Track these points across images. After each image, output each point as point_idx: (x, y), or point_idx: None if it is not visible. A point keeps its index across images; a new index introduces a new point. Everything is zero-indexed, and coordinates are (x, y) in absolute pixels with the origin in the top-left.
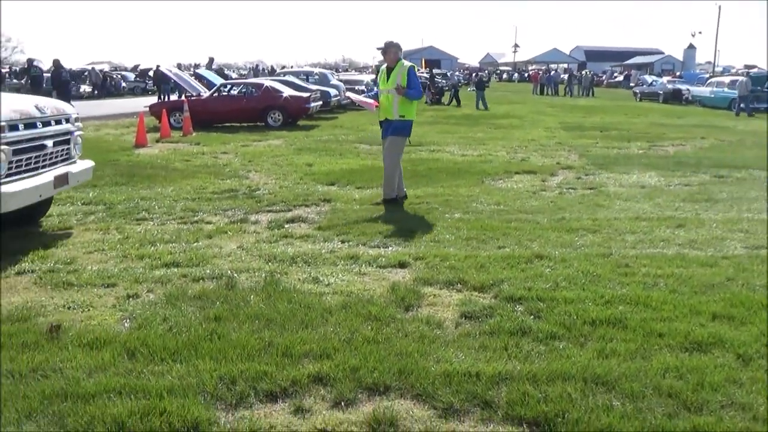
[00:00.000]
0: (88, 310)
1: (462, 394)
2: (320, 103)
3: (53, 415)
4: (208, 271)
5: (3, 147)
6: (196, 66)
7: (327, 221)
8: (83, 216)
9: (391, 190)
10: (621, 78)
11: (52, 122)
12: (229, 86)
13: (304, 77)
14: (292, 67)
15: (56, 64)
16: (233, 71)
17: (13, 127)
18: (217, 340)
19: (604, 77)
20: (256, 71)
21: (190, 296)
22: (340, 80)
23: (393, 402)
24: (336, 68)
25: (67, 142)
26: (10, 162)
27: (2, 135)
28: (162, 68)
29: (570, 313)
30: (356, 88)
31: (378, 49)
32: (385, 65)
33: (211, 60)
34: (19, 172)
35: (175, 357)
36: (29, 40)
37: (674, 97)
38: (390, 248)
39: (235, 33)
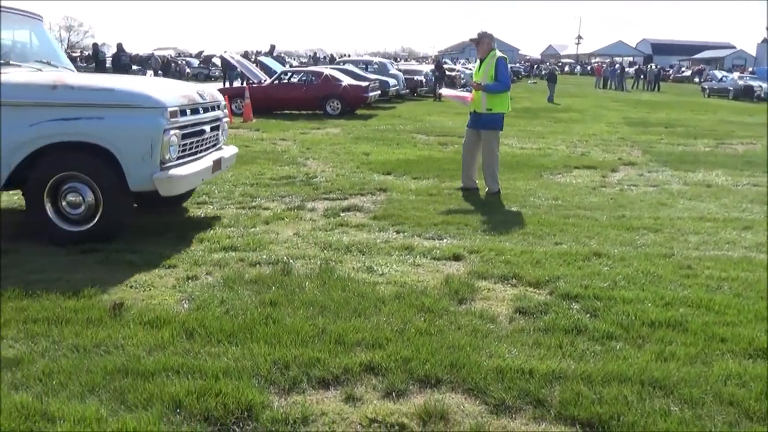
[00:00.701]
0: (149, 290)
1: (514, 391)
2: (379, 92)
3: (114, 390)
4: (264, 257)
5: (174, 131)
6: (259, 53)
7: (382, 211)
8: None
9: (495, 182)
10: (689, 73)
11: (209, 108)
12: (289, 74)
13: (364, 66)
14: (349, 56)
15: (119, 47)
16: (293, 59)
17: (182, 112)
18: (272, 324)
19: (671, 72)
20: (315, 59)
21: (247, 280)
22: (399, 70)
23: (444, 395)
24: (395, 58)
25: (218, 128)
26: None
27: (173, 120)
28: (225, 55)
29: (628, 313)
30: (415, 78)
31: (471, 40)
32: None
33: (273, 47)
34: (184, 157)
35: (231, 339)
36: (99, 26)
37: (745, 93)
38: (445, 240)
39: (297, 21)
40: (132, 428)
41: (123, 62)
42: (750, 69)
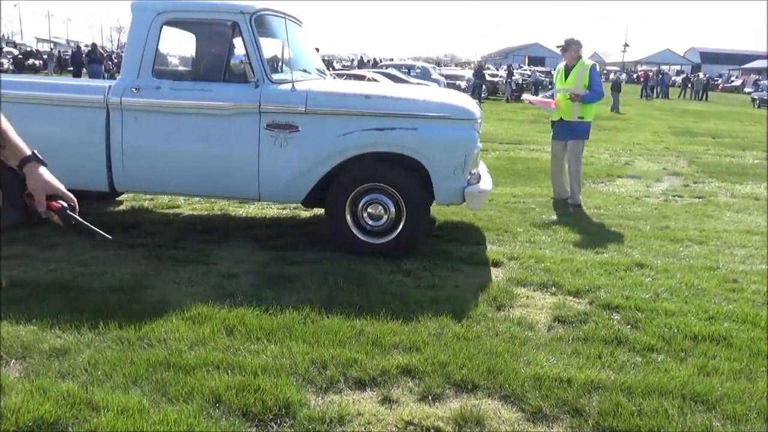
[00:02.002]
0: (192, 286)
1: (552, 399)
2: None
3: (156, 383)
4: (306, 257)
5: (480, 143)
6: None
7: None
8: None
9: (579, 194)
10: (738, 82)
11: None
12: (334, 76)
13: (406, 70)
14: (392, 59)
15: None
16: (336, 62)
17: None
18: (311, 324)
19: (719, 81)
20: (360, 63)
21: (286, 279)
22: (441, 75)
23: (480, 401)
24: (438, 63)
25: None
26: None
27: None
28: None
29: (670, 325)
30: (456, 83)
31: (558, 47)
32: (563, 63)
33: (316, 50)
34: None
35: (270, 337)
36: None
37: None
38: (484, 246)
39: (341, 26)
40: (173, 420)
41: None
42: None
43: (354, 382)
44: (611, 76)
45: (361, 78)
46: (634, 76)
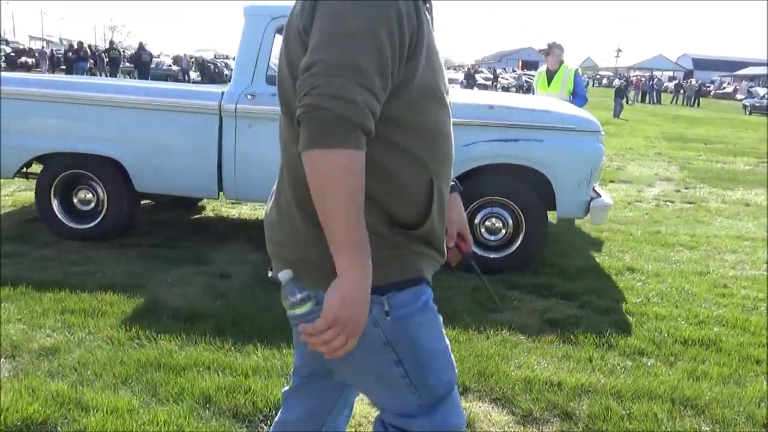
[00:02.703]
0: (184, 286)
1: (542, 402)
2: None
3: (146, 383)
4: None
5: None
6: None
7: None
8: None
9: None
10: (730, 89)
11: None
12: None
13: None
14: None
15: (140, 46)
16: None
17: None
18: None
19: (711, 87)
20: None
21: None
22: None
23: (471, 403)
24: None
25: None
26: None
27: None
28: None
29: (660, 330)
30: (451, 86)
31: (540, 51)
32: (544, 67)
33: None
34: None
35: (261, 338)
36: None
37: None
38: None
39: None
40: (163, 420)
41: (143, 60)
42: None
43: None
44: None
45: None
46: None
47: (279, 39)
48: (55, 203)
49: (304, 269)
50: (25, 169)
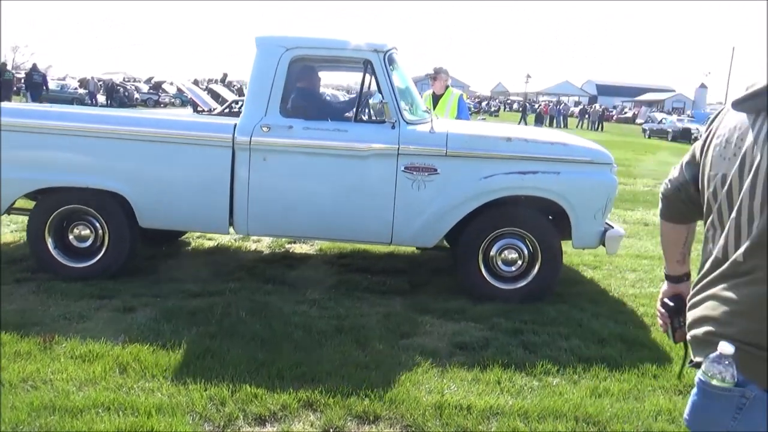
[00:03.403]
0: (84, 321)
1: (452, 427)
2: None
3: (40, 428)
4: (207, 289)
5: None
6: (211, 81)
7: (328, 243)
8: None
9: None
10: (630, 114)
11: None
12: (240, 102)
13: None
14: None
15: (33, 67)
16: (246, 87)
17: None
18: (210, 358)
19: (614, 112)
20: None
21: (186, 312)
22: None
23: (381, 431)
24: (347, 90)
25: None
26: None
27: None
28: (176, 83)
29: (565, 349)
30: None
31: (427, 75)
32: (430, 91)
33: (225, 75)
34: None
35: (166, 374)
36: (47, 48)
37: (683, 136)
38: (389, 274)
39: (250, 49)
40: None
41: (35, 81)
42: (689, 112)
43: (254, 419)
44: (515, 105)
45: None
46: (536, 106)
47: (294, 70)
48: (49, 241)
49: (754, 363)
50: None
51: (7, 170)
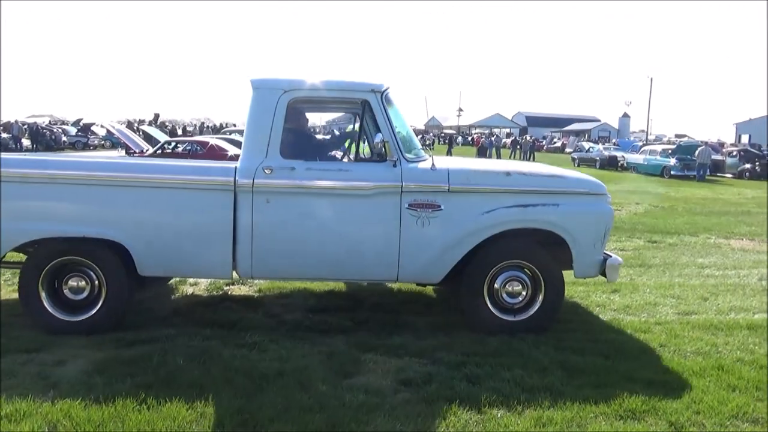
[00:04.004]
0: (9, 378)
1: None
2: None
3: None
4: (141, 336)
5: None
6: (142, 122)
7: (268, 284)
8: (11, 276)
9: None
10: (559, 144)
11: None
12: (173, 143)
13: None
14: (235, 125)
15: None
16: (179, 127)
17: None
18: (146, 410)
19: (544, 142)
20: (201, 128)
21: (121, 362)
22: None
23: None
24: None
25: None
26: None
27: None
28: (106, 124)
29: (508, 380)
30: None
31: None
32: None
33: (156, 116)
34: None
35: (99, 429)
36: None
37: (610, 163)
38: (330, 313)
39: (182, 89)
40: None
41: None
42: (614, 140)
43: None
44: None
45: (204, 144)
46: (469, 138)
47: (291, 112)
48: (43, 295)
49: None
50: None
51: None
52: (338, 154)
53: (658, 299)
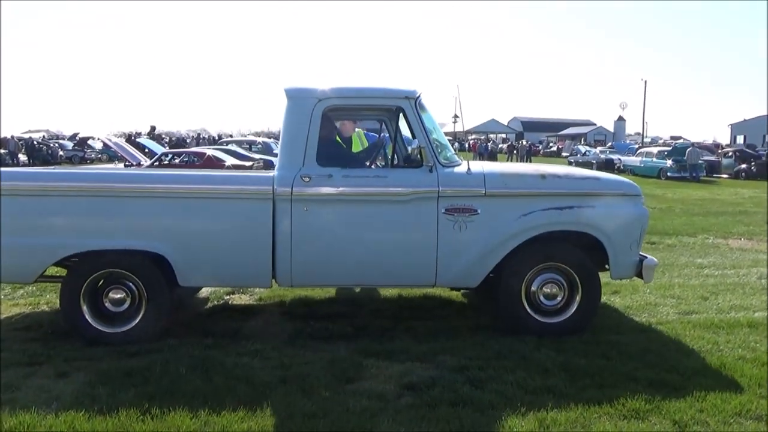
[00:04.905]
0: (12, 391)
1: None
2: None
3: None
4: (143, 347)
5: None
6: (138, 134)
7: (269, 292)
8: (11, 290)
9: None
10: (555, 148)
11: None
12: (170, 155)
13: (248, 146)
14: (231, 136)
15: None
16: (174, 139)
17: None
18: (150, 420)
19: (540, 147)
20: (198, 140)
21: (123, 373)
22: None
23: None
24: (279, 137)
25: None
26: None
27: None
28: (102, 138)
29: (511, 382)
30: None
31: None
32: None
33: (153, 128)
34: None
35: None
36: None
37: (607, 166)
38: (331, 319)
39: (179, 101)
40: None
41: None
42: (609, 144)
43: None
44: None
45: (202, 155)
46: (466, 144)
47: (326, 120)
48: (85, 308)
49: None
50: None
51: (36, 237)
52: (377, 160)
53: (658, 300)
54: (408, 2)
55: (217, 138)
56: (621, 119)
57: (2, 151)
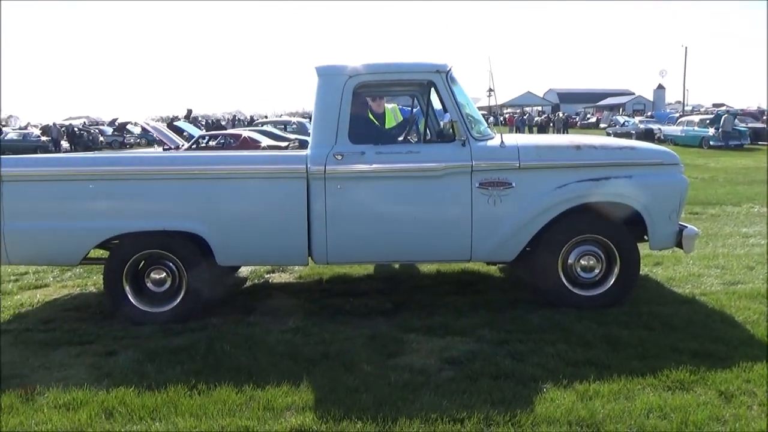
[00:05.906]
0: (65, 369)
1: None
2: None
3: None
4: (188, 325)
5: None
6: (176, 118)
7: (308, 270)
8: (60, 273)
9: None
10: (593, 119)
11: None
12: (207, 138)
13: (282, 127)
14: (266, 117)
15: None
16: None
17: None
18: (197, 395)
19: (577, 118)
20: (233, 121)
21: (170, 351)
22: None
23: None
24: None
25: None
26: None
27: None
28: (141, 122)
29: (552, 355)
30: None
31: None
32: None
33: (189, 111)
34: None
35: (153, 415)
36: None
37: (647, 136)
38: (370, 296)
39: (214, 84)
40: None
41: None
42: (649, 113)
43: None
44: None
45: (237, 137)
46: (501, 118)
47: (357, 97)
48: (127, 288)
49: None
50: None
51: (78, 221)
52: (409, 135)
53: (702, 270)
54: None
55: (251, 119)
56: (660, 87)
57: (45, 138)
